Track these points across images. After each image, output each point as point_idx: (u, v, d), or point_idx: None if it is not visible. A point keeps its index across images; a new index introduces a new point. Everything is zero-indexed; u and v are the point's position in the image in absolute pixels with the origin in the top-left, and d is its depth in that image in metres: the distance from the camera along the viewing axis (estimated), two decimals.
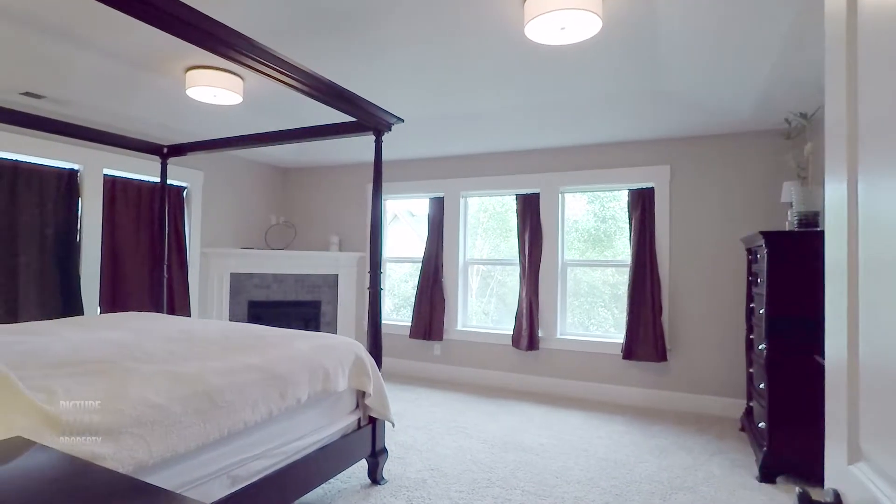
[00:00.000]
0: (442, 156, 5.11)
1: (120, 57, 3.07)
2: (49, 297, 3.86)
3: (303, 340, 2.47)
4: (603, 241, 4.85)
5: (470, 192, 5.07)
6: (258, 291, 5.29)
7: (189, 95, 3.40)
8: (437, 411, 3.97)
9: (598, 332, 4.69)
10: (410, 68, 3.11)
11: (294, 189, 6.06)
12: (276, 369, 2.09)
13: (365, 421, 2.66)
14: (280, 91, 3.55)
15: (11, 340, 2.26)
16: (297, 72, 2.18)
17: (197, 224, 5.03)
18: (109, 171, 4.29)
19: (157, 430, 1.57)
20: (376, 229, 2.81)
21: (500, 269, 5.30)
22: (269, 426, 2.04)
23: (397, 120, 2.82)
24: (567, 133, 4.24)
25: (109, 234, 4.30)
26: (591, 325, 4.81)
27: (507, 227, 5.24)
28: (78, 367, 1.80)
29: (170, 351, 2.16)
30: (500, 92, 3.44)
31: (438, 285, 5.06)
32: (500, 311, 5.39)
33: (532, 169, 4.73)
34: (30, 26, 2.64)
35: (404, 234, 6.17)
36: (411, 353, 5.22)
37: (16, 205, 3.70)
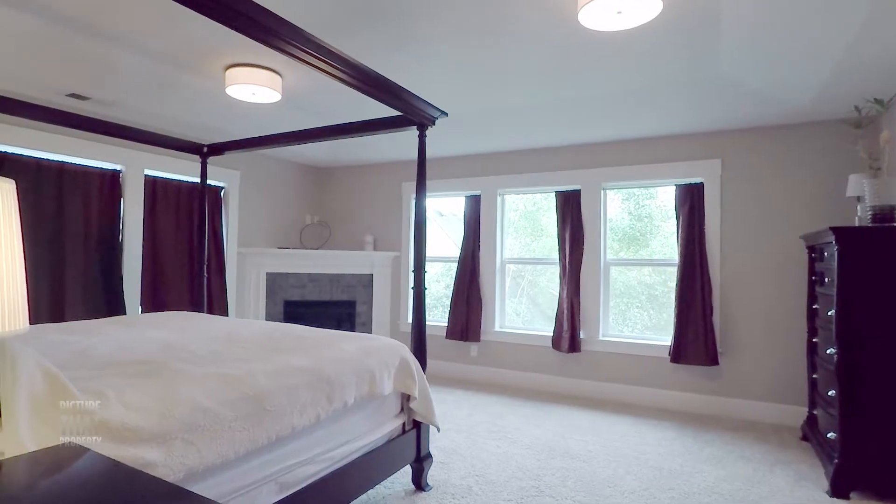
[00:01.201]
0: (479, 153, 5.01)
1: (161, 57, 3.07)
2: (93, 296, 3.91)
3: (349, 342, 2.40)
4: (638, 240, 4.67)
5: (507, 189, 4.95)
6: (294, 291, 5.29)
7: (228, 94, 3.39)
8: (478, 414, 3.87)
9: (639, 333, 4.51)
10: (452, 62, 3.01)
11: (329, 188, 6.04)
12: (323, 372, 2.02)
13: (409, 425, 2.58)
14: (318, 88, 3.51)
15: (61, 340, 2.25)
16: (342, 62, 2.10)
17: (234, 224, 5.06)
18: (150, 171, 4.33)
19: (207, 435, 1.51)
20: (421, 227, 2.71)
21: (531, 269, 5.17)
22: (316, 431, 1.97)
23: (441, 114, 2.73)
24: (611, 127, 4.08)
25: (150, 233, 4.34)
26: (625, 327, 4.64)
27: (539, 227, 5.11)
28: (127, 368, 1.76)
29: (214, 351, 2.11)
30: (545, 85, 3.31)
31: (475, 285, 4.96)
32: (532, 311, 5.26)
33: (573, 165, 4.58)
34: (76, 27, 2.64)
35: (433, 234, 6.09)
36: (447, 354, 5.13)
37: (62, 205, 3.76)
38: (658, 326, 4.50)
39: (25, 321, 0.84)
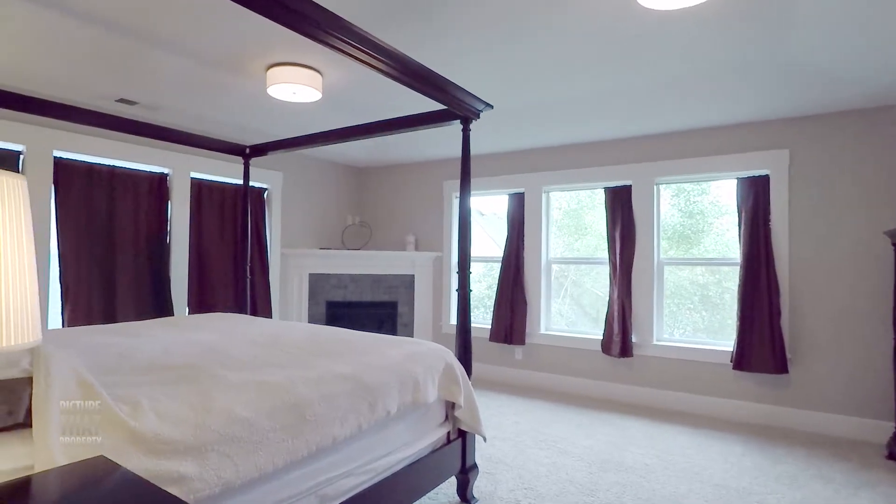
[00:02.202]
0: (523, 149, 4.84)
1: (204, 59, 3.07)
2: (142, 297, 3.98)
3: (392, 347, 2.30)
4: (690, 238, 4.39)
5: (553, 186, 4.76)
6: (336, 292, 5.26)
7: (270, 94, 3.36)
8: (524, 421, 3.71)
9: (692, 336, 4.22)
10: (496, 52, 2.87)
11: (370, 188, 6.00)
12: (365, 379, 1.92)
13: (454, 434, 2.45)
14: (359, 85, 3.44)
15: (106, 342, 2.25)
16: (386, 53, 2.01)
17: (277, 225, 5.08)
18: (196, 174, 4.38)
19: (244, 447, 1.43)
20: (465, 226, 2.59)
21: (574, 269, 4.95)
22: (358, 441, 1.87)
23: (486, 106, 2.59)
24: (666, 117, 3.82)
25: (196, 235, 4.40)
26: (675, 329, 4.36)
27: (583, 225, 4.89)
28: (166, 373, 1.71)
29: (255, 356, 2.05)
30: (595, 74, 3.12)
31: (520, 286, 4.79)
32: (576, 313, 5.04)
33: (623, 159, 4.34)
34: (122, 32, 2.66)
35: (475, 234, 5.95)
36: (491, 357, 4.98)
37: (113, 208, 3.84)
38: (712, 329, 4.21)
39: (38, 332, 0.76)
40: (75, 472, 1.08)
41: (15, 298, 0.71)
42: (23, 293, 0.73)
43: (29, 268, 0.74)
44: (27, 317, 0.73)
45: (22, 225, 0.73)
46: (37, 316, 0.75)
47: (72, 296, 3.60)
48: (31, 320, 0.73)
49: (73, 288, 3.61)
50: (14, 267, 0.71)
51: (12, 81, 3.09)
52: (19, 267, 0.72)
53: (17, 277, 0.72)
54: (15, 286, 0.71)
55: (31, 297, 0.74)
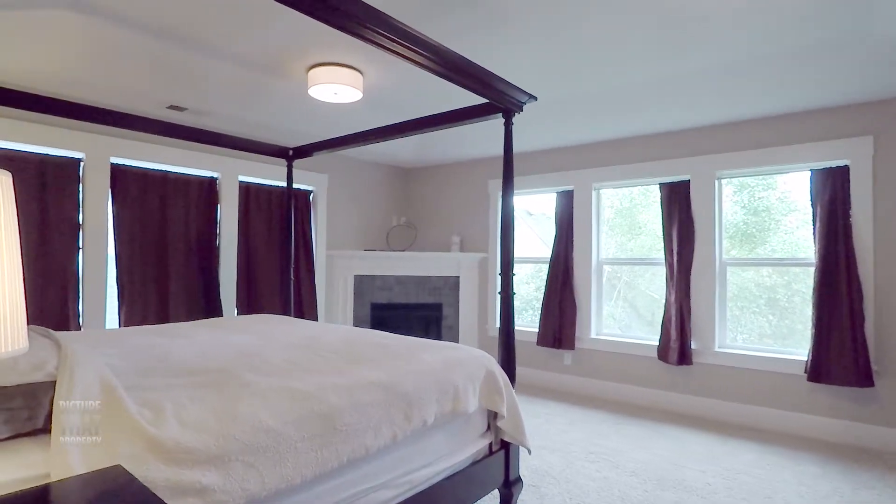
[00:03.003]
0: (571, 144, 4.63)
1: (247, 62, 3.09)
2: (193, 298, 4.08)
3: (429, 352, 2.19)
4: (754, 236, 4.04)
5: (603, 183, 4.52)
6: (381, 293, 5.23)
7: (311, 95, 3.36)
8: (573, 431, 3.52)
9: (757, 342, 3.88)
10: (541, 42, 2.72)
11: (414, 189, 5.95)
12: (401, 387, 1.82)
13: (497, 445, 2.32)
14: (399, 83, 3.38)
15: (148, 343, 2.27)
16: (425, 46, 1.94)
17: (322, 227, 5.10)
18: (244, 177, 4.46)
19: (269, 457, 1.36)
20: (508, 226, 2.45)
21: (628, 271, 4.69)
22: (392, 452, 1.78)
23: (529, 98, 2.44)
24: (728, 105, 3.53)
25: (244, 237, 4.48)
26: (739, 334, 4.03)
27: (636, 224, 4.63)
28: (198, 376, 1.68)
29: (290, 360, 2.00)
30: (650, 60, 2.90)
31: (569, 288, 4.58)
32: (630, 316, 4.77)
33: (681, 152, 4.06)
34: (169, 39, 2.71)
35: (522, 234, 5.78)
36: (538, 362, 4.80)
37: (165, 212, 3.96)
38: (780, 335, 3.86)
39: (25, 341, 0.70)
40: (93, 482, 1.04)
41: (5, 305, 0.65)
42: (10, 298, 0.67)
43: (12, 270, 0.68)
44: (10, 324, 0.67)
45: (8, 226, 0.67)
46: (21, 323, 0.69)
47: (127, 296, 3.72)
48: (14, 328, 0.67)
49: (129, 288, 3.74)
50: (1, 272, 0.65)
51: (69, 91, 3.22)
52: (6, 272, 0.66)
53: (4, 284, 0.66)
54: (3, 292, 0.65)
55: (14, 303, 0.67)
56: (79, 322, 3.50)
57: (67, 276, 3.46)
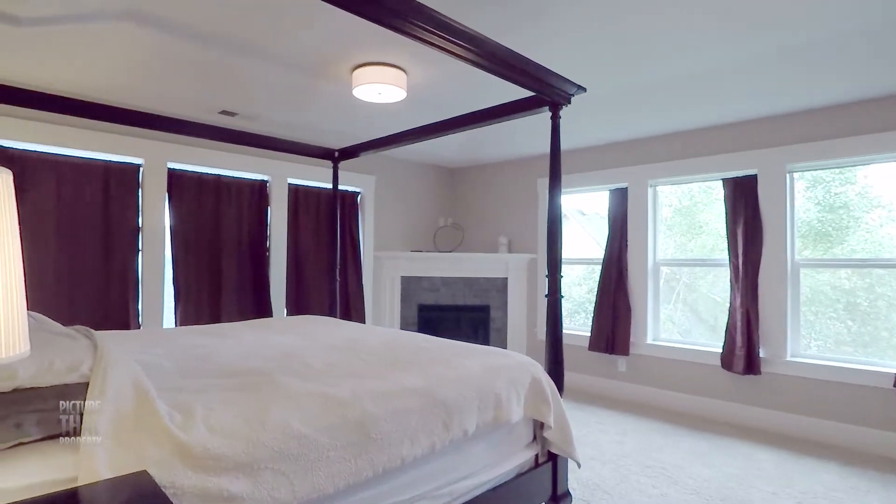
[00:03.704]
0: (625, 139, 4.41)
1: (293, 66, 3.11)
2: (245, 299, 4.17)
3: (471, 358, 2.10)
4: (830, 236, 3.68)
5: (660, 179, 4.27)
6: (427, 295, 5.19)
7: (355, 96, 3.34)
8: (627, 442, 3.32)
9: (833, 351, 3.52)
10: (592, 31, 2.56)
11: (461, 189, 5.88)
12: (440, 394, 1.74)
13: (544, 457, 2.19)
14: (443, 81, 3.31)
15: (193, 343, 2.30)
16: (468, 38, 1.87)
17: (370, 228, 5.12)
18: (293, 180, 4.54)
19: (300, 465, 1.32)
20: (555, 225, 2.32)
21: (688, 272, 4.41)
22: (430, 462, 1.70)
23: (578, 89, 2.31)
24: (801, 92, 3.23)
25: (293, 239, 4.55)
26: (812, 341, 3.67)
27: (696, 223, 4.34)
28: (233, 379, 1.66)
29: (328, 363, 1.96)
30: (714, 43, 2.68)
31: (623, 291, 4.36)
32: (690, 320, 4.48)
33: (746, 145, 3.77)
34: (216, 44, 2.76)
35: (575, 235, 5.58)
36: (590, 368, 4.60)
37: (218, 215, 4.07)
38: (861, 343, 3.49)
39: (25, 345, 0.66)
40: (114, 489, 1.02)
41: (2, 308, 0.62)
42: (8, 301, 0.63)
43: (12, 272, 0.64)
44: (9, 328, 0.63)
45: (8, 225, 0.64)
46: (23, 327, 0.66)
47: (183, 296, 3.85)
48: (15, 332, 0.63)
49: (184, 289, 3.87)
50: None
51: (126, 99, 3.36)
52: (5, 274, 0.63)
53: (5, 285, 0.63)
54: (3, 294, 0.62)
55: (16, 306, 0.64)
56: (138, 321, 3.65)
57: (128, 278, 3.61)
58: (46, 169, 3.34)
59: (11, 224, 0.64)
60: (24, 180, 3.25)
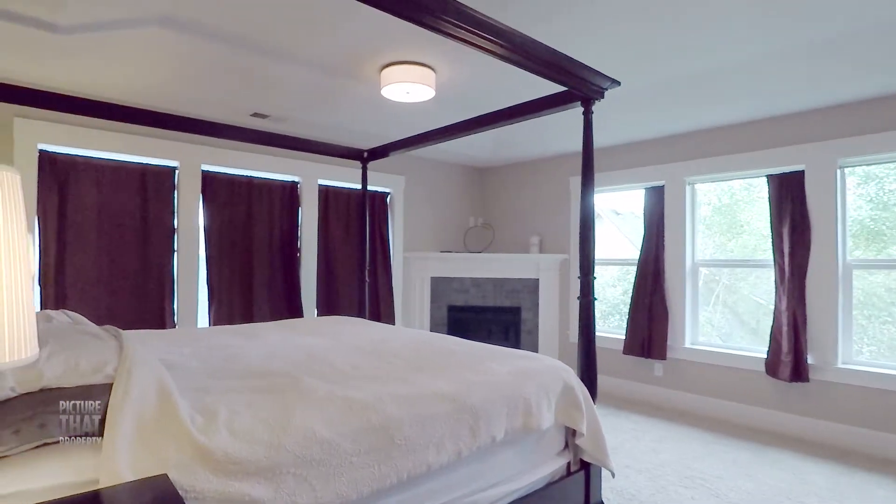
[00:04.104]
0: (661, 135, 4.25)
1: (322, 67, 3.12)
2: (276, 299, 4.22)
3: (499, 362, 2.04)
4: (884, 235, 3.44)
5: (698, 176, 4.10)
6: (457, 296, 5.14)
7: (384, 95, 3.33)
8: (664, 450, 3.19)
9: (891, 357, 3.29)
10: (627, 22, 2.46)
11: (492, 189, 5.80)
12: (466, 399, 1.69)
13: (576, 465, 2.11)
14: (472, 79, 3.25)
15: (227, 343, 2.32)
16: (495, 31, 1.82)
17: (400, 228, 5.11)
18: (323, 181, 4.56)
19: (323, 470, 1.29)
20: (587, 225, 2.24)
21: (728, 273, 4.22)
22: (457, 469, 1.65)
23: (612, 83, 2.22)
24: (852, 84, 3.03)
25: (323, 240, 4.57)
26: (864, 346, 3.44)
27: (737, 222, 4.15)
28: (260, 380, 1.65)
29: (354, 365, 1.94)
30: (763, 32, 2.54)
31: (659, 293, 4.20)
32: (731, 323, 4.29)
33: (793, 139, 3.57)
34: (252, 49, 2.78)
35: (609, 234, 5.43)
36: (625, 372, 4.45)
37: (250, 216, 4.13)
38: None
39: (35, 348, 0.65)
40: (141, 491, 1.00)
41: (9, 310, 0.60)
42: (16, 304, 0.62)
43: (21, 274, 0.63)
44: (22, 331, 0.61)
45: (14, 227, 0.62)
46: (31, 330, 0.64)
47: (216, 296, 3.92)
48: (22, 335, 0.62)
49: (218, 289, 3.93)
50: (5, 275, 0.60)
51: (161, 103, 3.43)
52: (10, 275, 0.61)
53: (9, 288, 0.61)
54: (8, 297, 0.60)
55: (23, 309, 0.62)
56: (174, 321, 3.73)
57: (164, 278, 3.70)
58: (89, 173, 3.45)
59: (19, 226, 0.62)
60: (68, 184, 3.37)
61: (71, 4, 2.27)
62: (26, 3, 2.21)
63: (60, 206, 3.34)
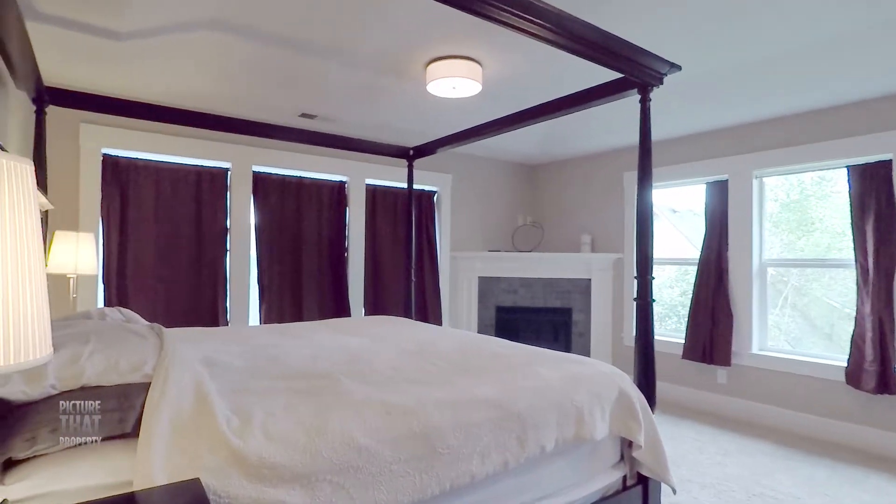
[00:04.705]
0: (725, 126, 3.97)
1: (367, 65, 3.09)
2: (325, 298, 4.25)
3: (549, 366, 1.92)
4: None
5: (767, 169, 3.80)
6: (505, 296, 5.02)
7: (429, 91, 3.26)
8: (729, 464, 2.95)
9: None
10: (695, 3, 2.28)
11: (541, 186, 5.64)
12: (514, 406, 1.59)
13: (632, 479, 1.97)
14: (520, 71, 3.14)
15: (273, 343, 2.32)
16: (545, 15, 1.72)
17: (447, 228, 5.05)
18: (370, 180, 4.56)
19: (361, 478, 1.23)
20: (645, 223, 2.08)
21: (798, 274, 3.88)
22: (503, 480, 1.55)
23: (671, 68, 2.05)
24: None
25: (371, 239, 4.57)
26: None
27: (807, 219, 3.82)
28: (300, 382, 1.61)
29: (397, 367, 1.88)
30: (840, 8, 2.29)
31: (723, 294, 3.93)
32: (801, 327, 3.95)
33: (878, 126, 3.23)
34: (299, 48, 2.79)
35: (665, 233, 5.15)
36: (683, 378, 4.20)
37: (300, 216, 4.18)
38: None
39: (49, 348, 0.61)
40: (169, 497, 0.97)
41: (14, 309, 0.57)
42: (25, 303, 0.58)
43: (34, 272, 0.59)
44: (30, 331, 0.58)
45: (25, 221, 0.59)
46: (46, 329, 0.60)
47: (266, 295, 3.99)
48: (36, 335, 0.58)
49: (268, 288, 4.00)
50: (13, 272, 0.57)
51: (213, 106, 3.51)
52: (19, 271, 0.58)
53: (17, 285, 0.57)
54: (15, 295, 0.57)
55: (36, 308, 0.59)
56: (226, 319, 3.83)
57: (217, 277, 3.79)
58: (148, 175, 3.58)
59: (29, 219, 0.59)
60: (129, 186, 3.51)
61: (126, 12, 2.34)
62: (86, 11, 2.29)
63: (122, 208, 3.49)
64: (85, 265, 2.67)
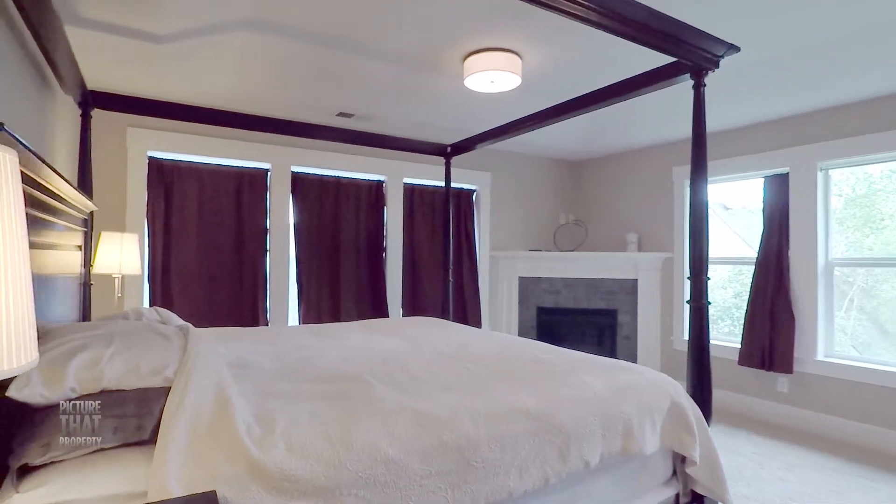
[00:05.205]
0: (785, 115, 3.69)
1: (404, 60, 3.03)
2: (362, 298, 4.22)
3: (594, 374, 1.79)
4: None
5: (833, 161, 3.50)
6: (547, 297, 4.86)
7: (467, 86, 3.17)
8: (794, 480, 2.72)
9: None
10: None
11: (584, 184, 5.44)
12: (554, 417, 1.47)
13: (686, 497, 1.81)
14: (561, 62, 3.00)
15: (305, 343, 2.28)
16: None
17: (486, 227, 4.94)
18: (408, 179, 4.51)
19: (388, 493, 1.15)
20: (700, 220, 1.92)
21: (865, 275, 3.55)
22: (543, 497, 1.44)
23: (729, 49, 1.88)
24: None
25: (409, 239, 4.52)
26: None
27: (875, 216, 3.49)
28: (329, 385, 1.55)
29: (431, 371, 1.79)
30: None
31: (783, 296, 3.65)
32: (869, 332, 3.61)
33: None
34: (335, 47, 2.76)
35: (717, 231, 4.85)
36: (739, 386, 3.93)
37: (338, 216, 4.17)
38: None
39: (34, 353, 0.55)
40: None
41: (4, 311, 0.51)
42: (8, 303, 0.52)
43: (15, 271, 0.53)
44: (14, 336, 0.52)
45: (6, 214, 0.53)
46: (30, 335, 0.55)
47: (305, 294, 3.99)
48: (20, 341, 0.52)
49: (307, 287, 4.01)
50: None
51: (250, 107, 3.53)
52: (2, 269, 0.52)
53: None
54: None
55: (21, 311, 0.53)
56: (266, 318, 3.85)
57: (257, 277, 3.83)
58: (191, 177, 3.65)
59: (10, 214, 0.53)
60: (173, 188, 3.58)
61: (164, 14, 2.36)
62: (125, 13, 2.32)
63: (166, 209, 3.56)
64: (129, 265, 2.72)
